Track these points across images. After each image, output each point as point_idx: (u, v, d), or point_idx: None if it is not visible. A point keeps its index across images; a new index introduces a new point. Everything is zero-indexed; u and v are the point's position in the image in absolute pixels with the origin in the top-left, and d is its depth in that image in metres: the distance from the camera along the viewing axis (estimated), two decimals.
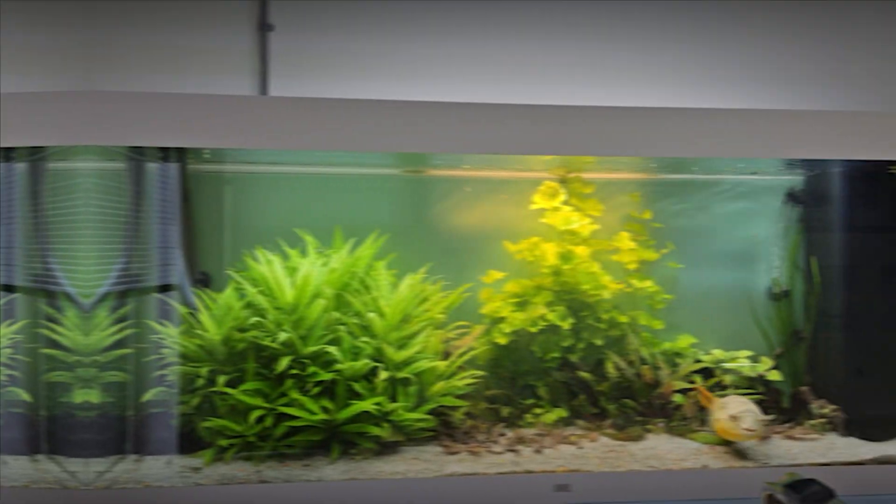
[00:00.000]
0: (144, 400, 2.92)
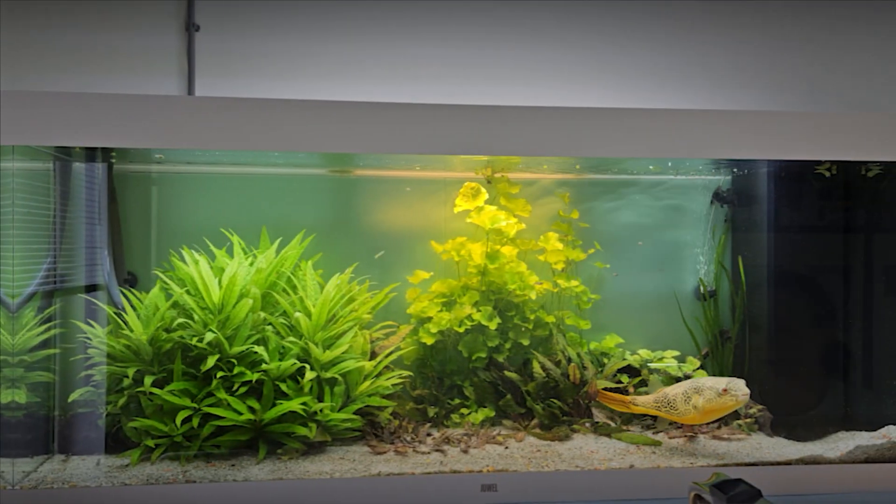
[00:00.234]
0: (71, 400, 2.97)
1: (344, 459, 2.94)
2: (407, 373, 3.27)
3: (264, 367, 2.97)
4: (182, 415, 2.87)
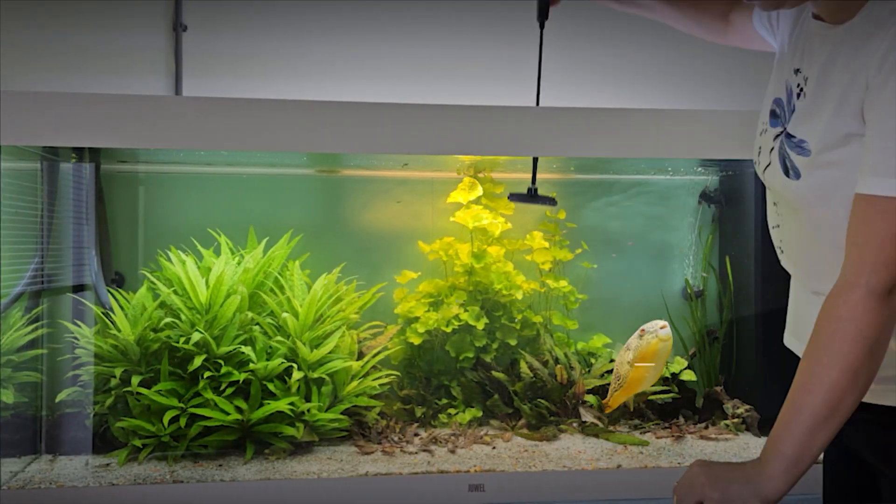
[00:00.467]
0: (59, 400, 2.98)
1: (331, 459, 2.96)
2: (394, 373, 3.30)
3: (251, 366, 2.99)
4: (169, 415, 2.88)
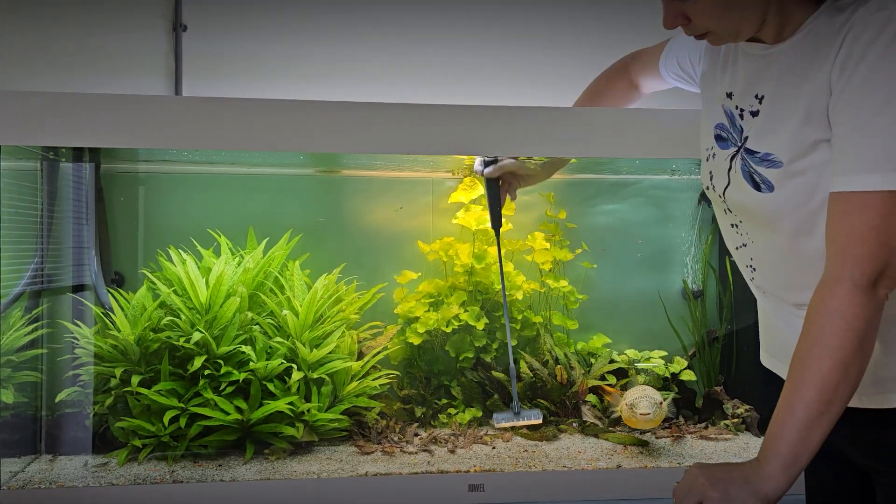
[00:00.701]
0: (58, 400, 2.98)
1: (331, 459, 2.96)
2: (394, 373, 3.31)
3: (251, 366, 2.99)
4: (169, 415, 2.88)
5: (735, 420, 3.32)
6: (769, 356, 2.02)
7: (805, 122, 1.59)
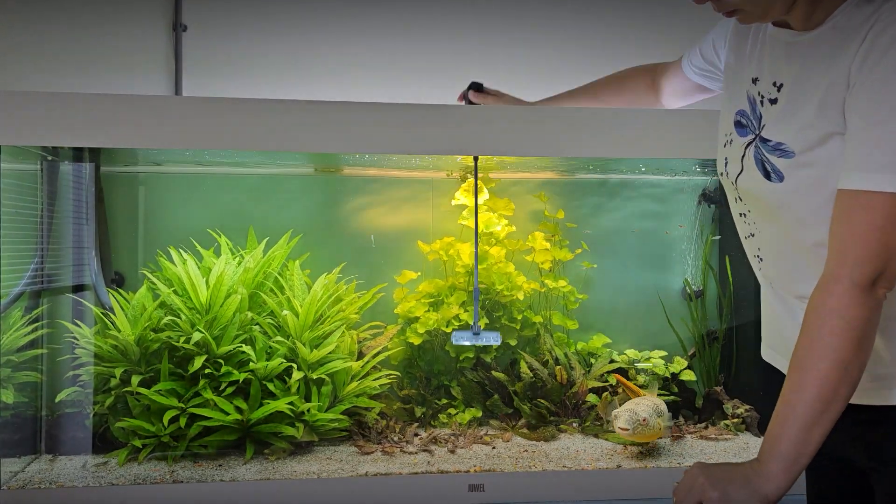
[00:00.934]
0: (58, 400, 2.98)
1: (331, 459, 2.97)
2: (394, 373, 3.31)
3: (251, 366, 2.99)
4: (169, 415, 2.89)
5: (735, 420, 3.32)
6: (770, 349, 2.02)
7: (819, 113, 1.59)
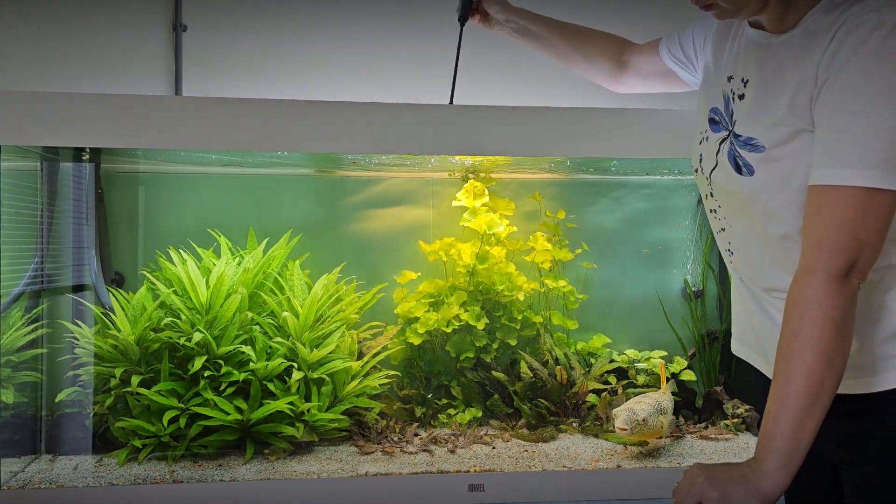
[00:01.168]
0: (58, 400, 2.98)
1: (331, 459, 2.97)
2: (394, 373, 3.31)
3: (252, 366, 2.99)
4: (169, 415, 2.89)
5: (735, 420, 3.33)
6: (739, 344, 2.06)
7: (789, 111, 1.63)
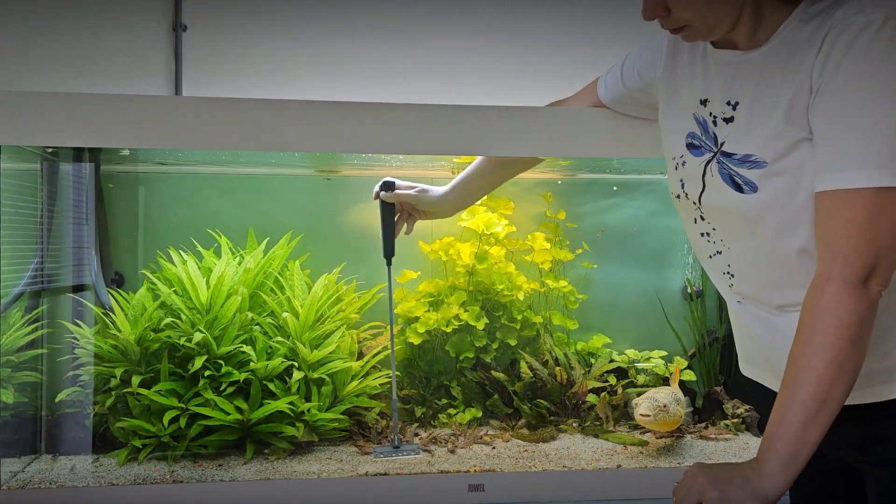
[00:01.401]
0: (58, 400, 2.98)
1: (331, 459, 2.97)
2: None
3: (252, 366, 2.99)
4: (169, 415, 2.89)
5: (735, 420, 3.33)
6: (749, 365, 2.03)
7: (786, 121, 1.62)
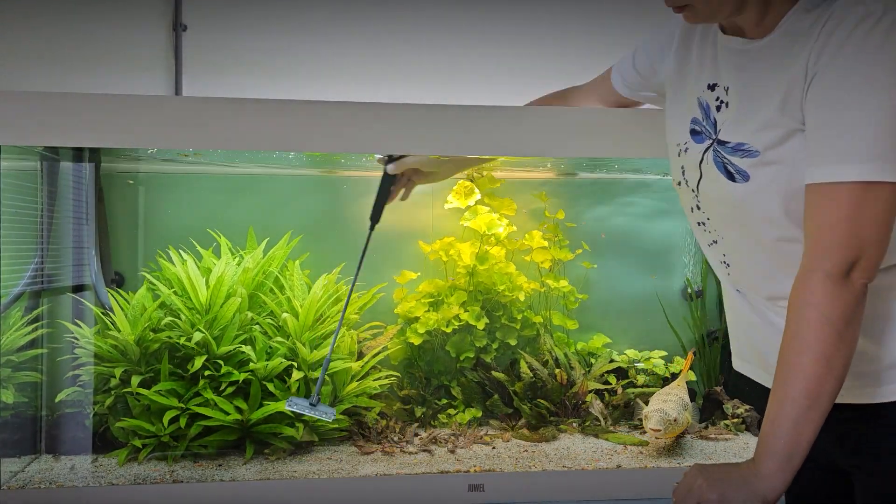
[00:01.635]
0: (58, 400, 2.98)
1: (331, 460, 2.97)
2: (394, 373, 3.31)
3: (251, 366, 3.00)
4: (169, 415, 2.89)
5: (735, 420, 3.33)
6: (741, 360, 2.03)
7: (782, 111, 1.63)
